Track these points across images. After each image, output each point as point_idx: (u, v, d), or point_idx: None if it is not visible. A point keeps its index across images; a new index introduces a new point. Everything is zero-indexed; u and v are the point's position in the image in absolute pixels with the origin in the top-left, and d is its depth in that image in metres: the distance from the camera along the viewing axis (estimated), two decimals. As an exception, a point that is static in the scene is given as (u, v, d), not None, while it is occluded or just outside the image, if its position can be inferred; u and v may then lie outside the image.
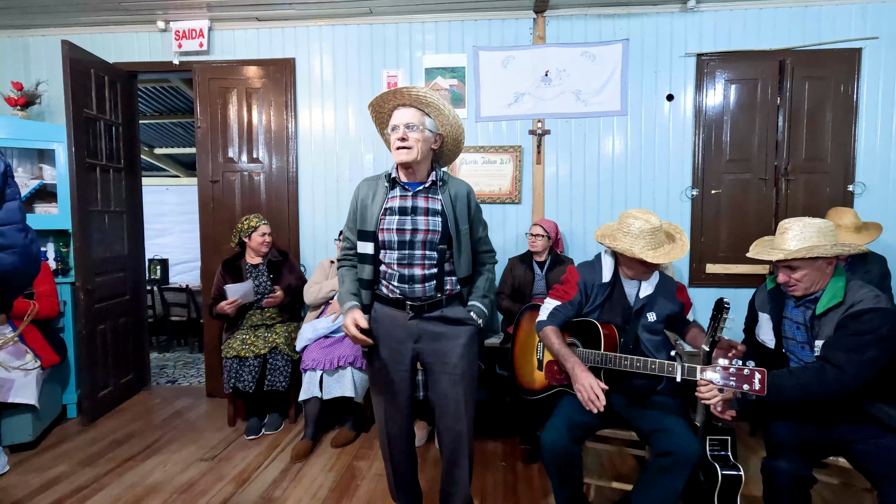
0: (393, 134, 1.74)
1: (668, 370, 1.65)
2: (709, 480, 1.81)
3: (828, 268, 1.70)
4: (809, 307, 1.73)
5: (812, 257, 1.66)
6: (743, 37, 3.17)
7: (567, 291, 1.98)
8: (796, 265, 1.70)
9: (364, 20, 3.38)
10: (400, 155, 1.72)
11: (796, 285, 1.71)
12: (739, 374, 1.51)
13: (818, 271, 1.69)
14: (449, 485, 1.94)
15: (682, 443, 1.67)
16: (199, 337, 4.92)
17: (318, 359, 2.78)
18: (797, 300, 1.76)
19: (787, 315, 1.82)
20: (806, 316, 1.74)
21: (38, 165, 3.38)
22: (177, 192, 6.11)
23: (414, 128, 1.71)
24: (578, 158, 3.33)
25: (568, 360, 1.81)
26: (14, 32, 3.52)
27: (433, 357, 1.83)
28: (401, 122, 1.72)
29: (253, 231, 3.04)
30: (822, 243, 1.67)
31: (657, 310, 1.91)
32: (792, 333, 1.80)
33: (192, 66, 3.46)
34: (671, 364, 1.65)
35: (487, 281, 1.90)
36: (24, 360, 2.74)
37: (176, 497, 2.31)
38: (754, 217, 3.22)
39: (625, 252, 1.82)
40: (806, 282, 1.70)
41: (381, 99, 1.78)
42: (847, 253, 1.71)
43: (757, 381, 1.50)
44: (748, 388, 1.51)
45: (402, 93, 1.73)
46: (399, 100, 1.75)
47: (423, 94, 1.72)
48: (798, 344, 1.78)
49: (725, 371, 1.54)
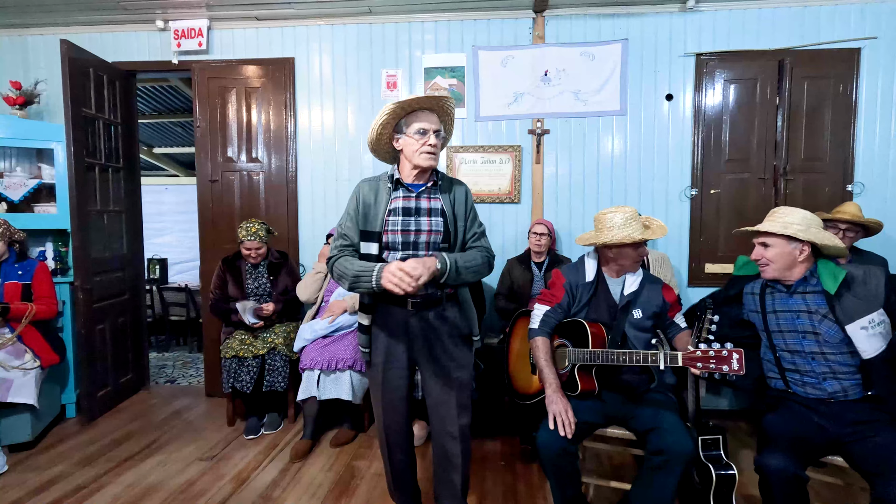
0: (420, 136, 1.72)
1: (651, 360, 1.73)
2: (703, 481, 1.81)
3: (800, 255, 1.77)
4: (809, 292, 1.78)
5: (785, 236, 1.75)
6: (742, 37, 3.17)
7: (554, 295, 2.01)
8: (770, 242, 1.79)
9: (363, 20, 3.38)
10: (428, 160, 1.73)
11: (768, 265, 1.81)
12: (718, 355, 1.62)
13: (789, 256, 1.77)
14: (440, 490, 1.93)
15: (673, 441, 1.69)
16: (198, 336, 4.92)
17: (315, 358, 2.78)
18: (788, 290, 1.82)
19: (779, 308, 1.84)
20: (810, 303, 1.78)
21: (36, 165, 3.38)
22: (176, 192, 6.09)
23: (440, 134, 1.76)
24: (578, 158, 3.33)
25: (549, 384, 1.86)
26: (13, 31, 3.52)
27: (428, 357, 1.83)
28: (432, 127, 1.73)
29: (241, 243, 3.03)
30: (800, 227, 1.76)
31: (642, 306, 1.93)
32: (791, 324, 1.81)
33: (192, 66, 3.46)
34: (654, 353, 1.72)
35: (469, 253, 1.80)
36: (23, 360, 2.73)
37: (175, 497, 2.31)
38: (753, 217, 3.20)
39: (624, 240, 1.84)
40: (777, 262, 1.79)
41: (421, 101, 1.73)
42: (820, 242, 1.77)
43: (735, 361, 1.60)
44: (727, 368, 1.61)
45: (438, 100, 1.75)
46: (426, 104, 1.75)
47: (451, 105, 1.78)
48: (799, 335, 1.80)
49: (705, 354, 1.64)
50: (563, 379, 1.92)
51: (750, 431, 2.89)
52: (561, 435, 1.73)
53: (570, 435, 1.73)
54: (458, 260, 1.72)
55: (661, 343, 1.75)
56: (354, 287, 1.71)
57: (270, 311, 3.01)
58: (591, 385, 1.90)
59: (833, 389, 1.73)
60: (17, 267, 2.84)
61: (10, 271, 2.81)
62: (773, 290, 1.87)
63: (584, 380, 1.88)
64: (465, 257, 1.75)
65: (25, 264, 2.87)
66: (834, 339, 1.73)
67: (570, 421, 1.75)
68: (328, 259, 1.81)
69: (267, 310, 2.99)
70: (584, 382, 1.88)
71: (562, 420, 1.75)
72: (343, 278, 1.73)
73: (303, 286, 3.09)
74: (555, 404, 1.79)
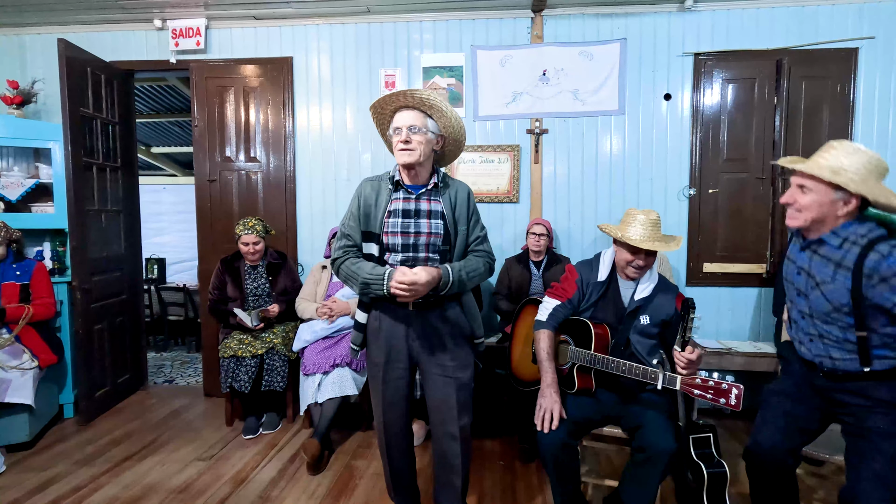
0: (395, 136, 1.73)
1: (650, 377, 1.69)
2: (696, 480, 1.82)
3: (842, 209, 1.43)
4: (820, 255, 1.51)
5: (831, 183, 1.40)
6: (740, 36, 3.17)
7: (566, 290, 2.00)
8: (811, 186, 1.45)
9: (362, 19, 3.38)
10: (403, 156, 1.71)
11: (798, 213, 1.49)
12: (717, 387, 1.53)
13: (828, 208, 1.43)
14: (440, 490, 1.93)
15: (655, 438, 1.71)
16: (196, 336, 4.91)
17: (318, 362, 2.76)
18: (803, 241, 1.56)
19: (791, 256, 1.63)
20: (813, 265, 1.52)
21: (34, 164, 3.37)
22: (174, 192, 6.08)
23: (416, 130, 1.71)
24: (576, 158, 3.33)
25: (545, 378, 1.87)
26: (10, 31, 3.51)
27: (428, 357, 1.83)
28: (403, 124, 1.72)
29: (238, 239, 3.02)
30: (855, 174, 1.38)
31: (651, 313, 1.92)
32: (792, 278, 1.62)
33: (190, 65, 3.45)
34: (654, 371, 1.69)
35: (472, 261, 1.80)
36: (21, 360, 2.73)
37: (173, 497, 2.31)
38: (751, 216, 3.22)
39: (628, 240, 1.83)
40: (810, 210, 1.45)
41: (383, 101, 1.77)
42: (873, 199, 1.39)
43: (733, 397, 1.49)
44: (724, 402, 1.51)
45: (405, 95, 1.73)
46: (402, 101, 1.75)
47: (426, 96, 1.71)
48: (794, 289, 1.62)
49: (704, 383, 1.56)
50: (563, 374, 1.94)
51: (748, 430, 2.91)
52: (538, 429, 1.77)
53: (547, 429, 1.76)
54: (462, 271, 1.74)
55: (662, 363, 1.74)
56: (365, 292, 1.74)
57: (276, 313, 2.99)
58: (589, 384, 1.92)
59: (818, 352, 1.57)
60: (14, 267, 2.83)
61: (8, 272, 2.81)
62: (794, 237, 1.66)
63: (581, 379, 1.91)
64: (468, 266, 1.77)
65: (23, 264, 2.86)
66: (820, 310, 1.52)
67: (555, 417, 1.78)
68: (333, 260, 1.82)
69: (273, 311, 2.98)
70: (581, 381, 1.90)
71: (549, 416, 1.78)
72: (351, 281, 1.75)
73: (301, 309, 3.03)
74: (545, 399, 1.82)
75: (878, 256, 1.38)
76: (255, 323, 2.88)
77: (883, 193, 1.40)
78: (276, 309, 2.99)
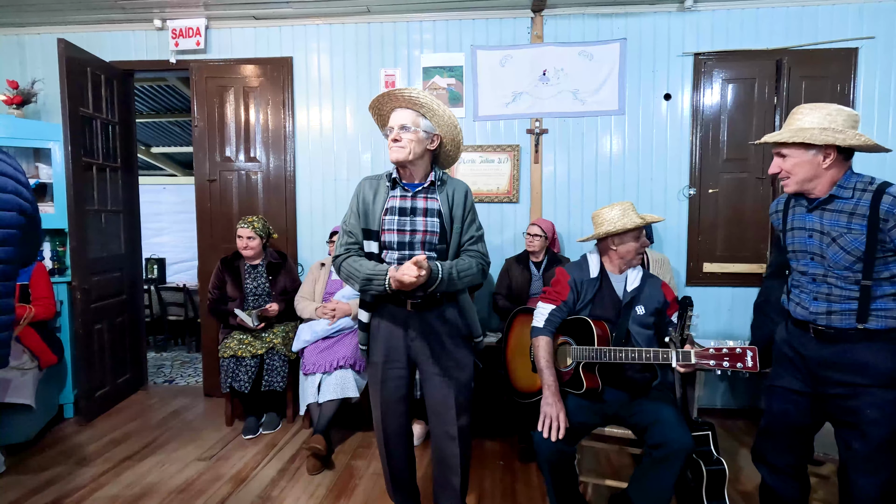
0: (389, 134, 1.77)
1: (662, 357, 1.71)
2: (695, 477, 1.82)
3: (825, 161, 1.48)
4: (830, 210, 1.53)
5: (800, 143, 1.48)
6: (740, 36, 3.17)
7: (559, 293, 2.01)
8: (786, 152, 1.53)
9: (362, 19, 3.38)
10: (392, 153, 1.75)
11: (788, 177, 1.55)
12: (732, 353, 1.59)
13: (810, 165, 1.50)
14: (440, 491, 1.93)
15: (674, 435, 1.70)
16: (196, 336, 4.91)
17: (318, 362, 2.76)
18: (808, 206, 1.58)
19: (797, 225, 1.63)
20: (825, 222, 1.53)
21: (34, 164, 3.37)
22: (174, 191, 6.07)
23: (407, 128, 1.74)
24: (576, 158, 3.33)
25: (547, 385, 1.85)
26: (10, 31, 3.50)
27: (427, 357, 1.83)
28: (395, 123, 1.76)
29: (235, 233, 3.03)
30: (816, 128, 1.47)
31: (645, 303, 1.95)
32: (803, 244, 1.60)
33: (189, 65, 3.45)
34: (665, 350, 1.71)
35: (465, 261, 1.78)
36: (21, 360, 2.73)
37: (173, 497, 2.31)
38: (751, 216, 3.22)
39: (626, 226, 1.89)
40: (797, 172, 1.52)
41: (378, 101, 1.81)
42: (844, 144, 1.45)
43: (749, 359, 1.56)
44: (741, 366, 1.57)
45: (396, 94, 1.77)
46: (395, 101, 1.79)
47: (415, 95, 1.74)
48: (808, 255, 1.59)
49: (718, 352, 1.61)
50: (567, 377, 1.92)
51: (747, 429, 2.91)
52: (545, 437, 1.75)
53: (554, 438, 1.74)
54: (453, 269, 1.73)
55: (672, 342, 1.74)
56: (366, 289, 1.74)
57: (276, 311, 2.99)
58: (596, 383, 1.90)
59: (816, 310, 1.55)
60: (14, 267, 2.83)
61: (8, 271, 2.80)
62: (795, 205, 1.66)
63: (588, 378, 1.88)
64: (459, 265, 1.76)
65: (23, 264, 2.86)
66: (840, 264, 1.51)
67: (561, 425, 1.75)
68: (335, 258, 1.83)
69: (272, 310, 2.98)
70: (588, 380, 1.87)
71: (556, 424, 1.76)
72: (352, 279, 1.76)
73: (300, 308, 3.03)
74: (550, 407, 1.80)
75: (891, 199, 1.42)
76: (255, 323, 2.88)
77: (851, 136, 1.45)
78: (275, 307, 2.99)
